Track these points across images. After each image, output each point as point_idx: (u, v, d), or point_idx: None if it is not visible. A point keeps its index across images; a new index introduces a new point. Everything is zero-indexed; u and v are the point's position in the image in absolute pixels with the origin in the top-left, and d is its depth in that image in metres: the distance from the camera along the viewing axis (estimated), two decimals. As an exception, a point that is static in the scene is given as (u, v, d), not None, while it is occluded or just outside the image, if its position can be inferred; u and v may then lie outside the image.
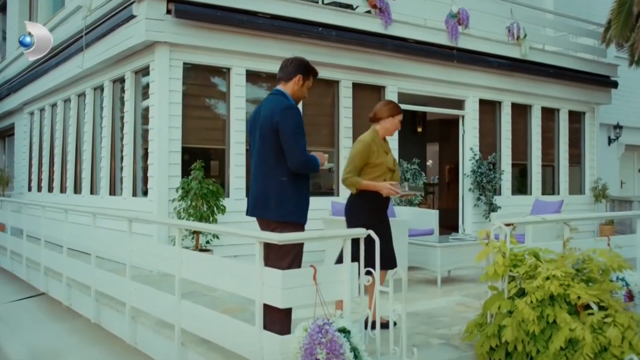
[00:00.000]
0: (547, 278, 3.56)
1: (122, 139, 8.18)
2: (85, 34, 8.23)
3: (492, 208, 9.82)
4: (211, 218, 6.86)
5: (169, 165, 7.09)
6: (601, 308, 3.52)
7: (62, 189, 10.26)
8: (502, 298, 3.83)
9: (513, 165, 10.69)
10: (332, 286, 3.33)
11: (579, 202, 11.47)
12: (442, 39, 9.28)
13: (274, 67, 7.92)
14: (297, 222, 3.53)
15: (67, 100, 10.18)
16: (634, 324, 3.33)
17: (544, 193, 11.04)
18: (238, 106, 7.62)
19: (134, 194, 7.85)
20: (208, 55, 7.40)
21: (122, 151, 8.14)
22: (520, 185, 10.97)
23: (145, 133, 7.53)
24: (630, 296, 4.68)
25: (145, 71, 7.58)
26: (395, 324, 3.46)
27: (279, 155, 3.48)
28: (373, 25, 8.50)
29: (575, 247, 4.31)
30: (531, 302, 3.55)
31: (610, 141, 14.95)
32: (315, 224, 6.33)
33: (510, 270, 3.86)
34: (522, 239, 6.90)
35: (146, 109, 7.52)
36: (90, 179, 9.17)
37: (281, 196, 3.50)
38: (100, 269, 5.60)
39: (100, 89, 8.91)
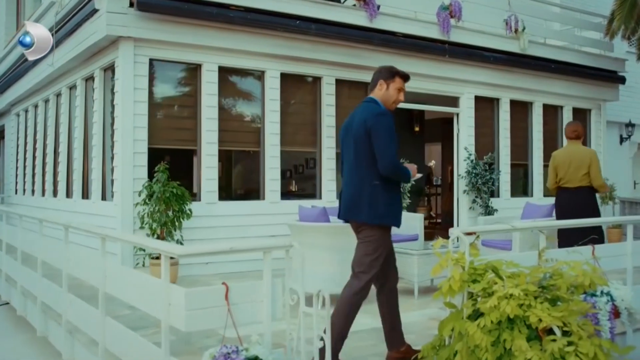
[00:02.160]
0: (506, 297, 3.06)
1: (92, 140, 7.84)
2: (56, 31, 7.91)
3: (489, 211, 9.27)
4: (177, 223, 6.46)
5: (134, 167, 6.71)
6: (567, 332, 3.01)
7: (43, 192, 9.98)
8: (459, 318, 3.34)
9: (513, 165, 10.11)
10: (249, 307, 2.90)
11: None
12: (434, 33, 8.77)
13: (248, 63, 7.61)
14: (388, 225, 3.61)
15: (47, 101, 9.90)
16: (601, 353, 2.81)
17: (546, 195, 10.43)
18: (210, 104, 7.22)
19: (103, 198, 7.50)
20: (177, 50, 7.01)
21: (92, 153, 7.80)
22: (521, 187, 10.39)
23: (114, 134, 7.17)
24: (616, 313, 4.17)
25: (112, 68, 7.22)
26: None
27: (371, 160, 3.57)
28: (357, 18, 8.03)
29: (552, 258, 3.81)
30: (485, 325, 3.05)
31: (622, 140, 14.25)
32: (282, 228, 5.92)
33: (469, 286, 3.37)
34: (509, 245, 6.40)
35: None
36: (66, 182, 8.86)
37: (373, 200, 3.57)
38: (45, 279, 5.22)
39: (74, 87, 8.59)
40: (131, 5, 6.55)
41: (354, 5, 8.16)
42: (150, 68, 6.89)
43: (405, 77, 3.82)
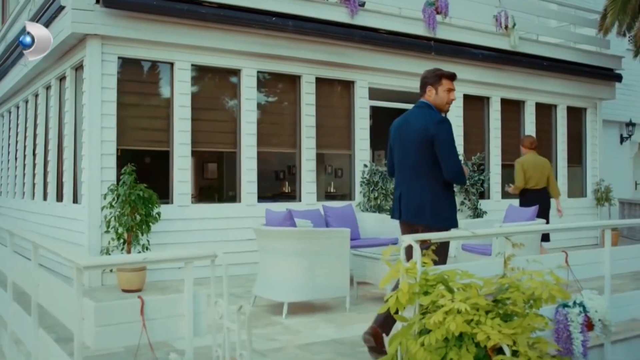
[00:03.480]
0: (453, 312, 2.80)
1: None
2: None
3: (477, 213, 8.98)
4: (144, 227, 6.23)
5: (102, 169, 6.49)
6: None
7: (23, 195, 9.79)
8: (408, 333, 3.08)
9: (504, 166, 9.80)
10: (168, 322, 2.66)
11: (579, 205, 10.53)
12: (419, 30, 8.50)
13: (223, 61, 7.34)
14: (449, 227, 3.76)
15: (26, 101, 9.71)
16: (552, 376, 2.54)
17: (539, 196, 10.12)
18: (182, 104, 6.99)
19: (75, 201, 7.28)
20: (147, 48, 6.78)
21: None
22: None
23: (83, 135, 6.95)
24: (589, 325, 3.90)
25: (83, 67, 7.00)
26: None
27: (433, 165, 3.72)
28: (338, 14, 7.78)
29: (517, 266, 3.54)
30: (429, 342, 2.78)
31: (622, 139, 13.89)
32: (247, 232, 5.67)
33: (419, 299, 3.11)
34: (489, 250, 6.11)
35: (86, 109, 6.94)
36: (43, 184, 8.66)
37: (436, 204, 3.76)
38: (-3, 286, 5.00)
39: (49, 87, 8.39)
40: (97, 1, 6.33)
41: (336, 1, 7.90)
42: (119, 67, 6.67)
43: (451, 77, 3.92)
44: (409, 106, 9.40)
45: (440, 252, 3.80)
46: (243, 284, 6.35)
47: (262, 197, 7.53)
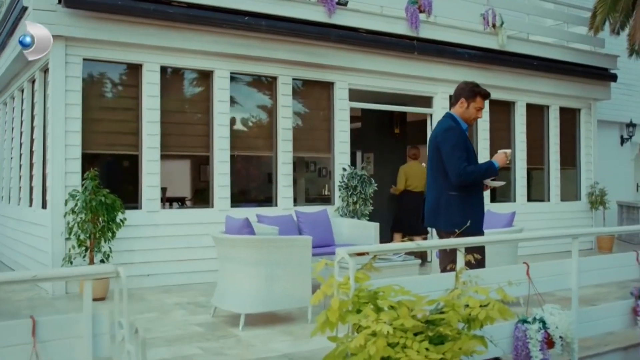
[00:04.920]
0: (375, 334, 2.57)
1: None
2: (0, 32, 7.58)
3: (463, 218, 8.71)
4: (108, 233, 6.05)
5: (66, 174, 6.31)
6: (447, 378, 2.50)
7: (1, 199, 9.67)
8: (334, 355, 2.85)
9: (493, 169, 9.51)
10: (64, 344, 2.44)
11: (573, 209, 10.22)
12: (402, 29, 8.26)
13: (194, 63, 7.13)
14: (467, 231, 3.71)
15: (5, 104, 9.59)
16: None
17: (531, 199, 9.85)
18: (151, 107, 6.79)
19: (43, 206, 7.11)
20: (114, 50, 6.59)
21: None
22: (503, 192, 9.80)
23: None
24: (549, 342, 3.65)
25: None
26: None
27: (445, 172, 3.88)
28: (314, 13, 7.55)
29: (470, 279, 3.30)
30: (352, 367, 2.56)
31: (623, 141, 13.52)
32: (206, 239, 5.46)
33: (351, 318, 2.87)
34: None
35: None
36: (18, 189, 8.51)
37: (449, 209, 3.89)
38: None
39: (23, 90, 8.25)
40: (60, 2, 6.16)
41: (314, 0, 7.67)
42: (84, 69, 6.49)
43: (486, 96, 4.02)
44: (393, 107, 9.27)
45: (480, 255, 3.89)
46: (212, 292, 6.14)
47: (237, 202, 7.32)
